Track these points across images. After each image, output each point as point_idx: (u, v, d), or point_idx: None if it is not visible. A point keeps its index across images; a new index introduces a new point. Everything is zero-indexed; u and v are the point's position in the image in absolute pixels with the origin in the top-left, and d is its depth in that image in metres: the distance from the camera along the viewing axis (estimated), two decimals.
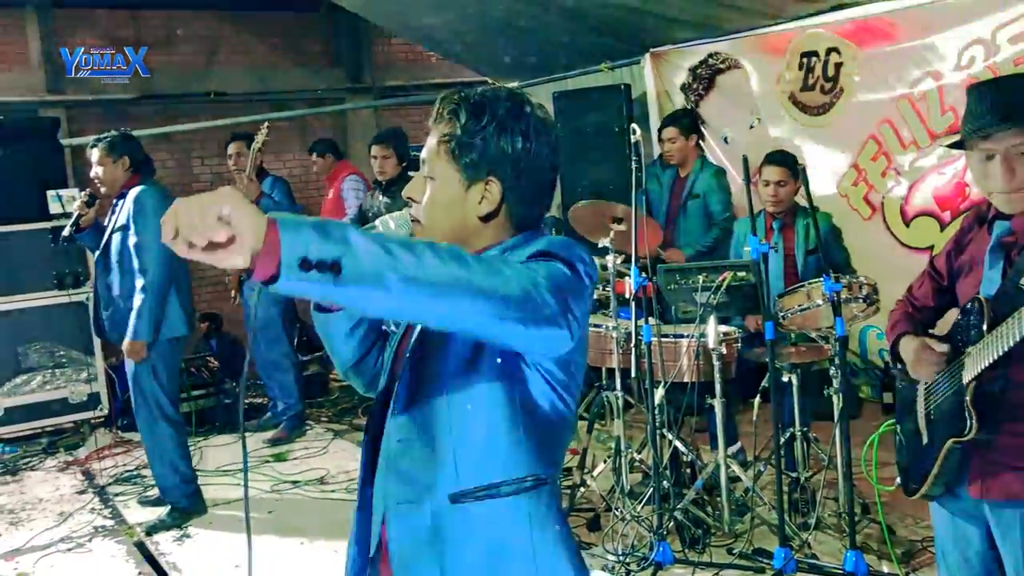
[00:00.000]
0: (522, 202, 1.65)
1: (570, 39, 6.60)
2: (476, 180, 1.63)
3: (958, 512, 2.32)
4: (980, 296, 2.22)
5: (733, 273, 3.98)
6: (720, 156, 6.07)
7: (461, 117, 1.63)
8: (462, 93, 1.66)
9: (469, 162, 1.62)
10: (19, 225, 6.26)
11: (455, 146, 1.63)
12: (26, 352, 6.28)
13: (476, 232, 1.66)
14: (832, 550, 3.84)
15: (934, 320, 2.49)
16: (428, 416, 1.59)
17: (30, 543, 4.64)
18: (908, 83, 4.95)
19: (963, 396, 2.18)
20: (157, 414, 4.66)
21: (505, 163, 1.62)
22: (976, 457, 2.21)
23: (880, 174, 5.21)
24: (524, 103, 1.64)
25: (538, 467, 1.60)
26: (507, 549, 1.58)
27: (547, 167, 1.66)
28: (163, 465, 4.74)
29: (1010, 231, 2.22)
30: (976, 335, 2.18)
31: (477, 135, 1.61)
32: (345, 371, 1.87)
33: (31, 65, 8.00)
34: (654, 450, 3.99)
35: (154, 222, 4.50)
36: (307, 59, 9.30)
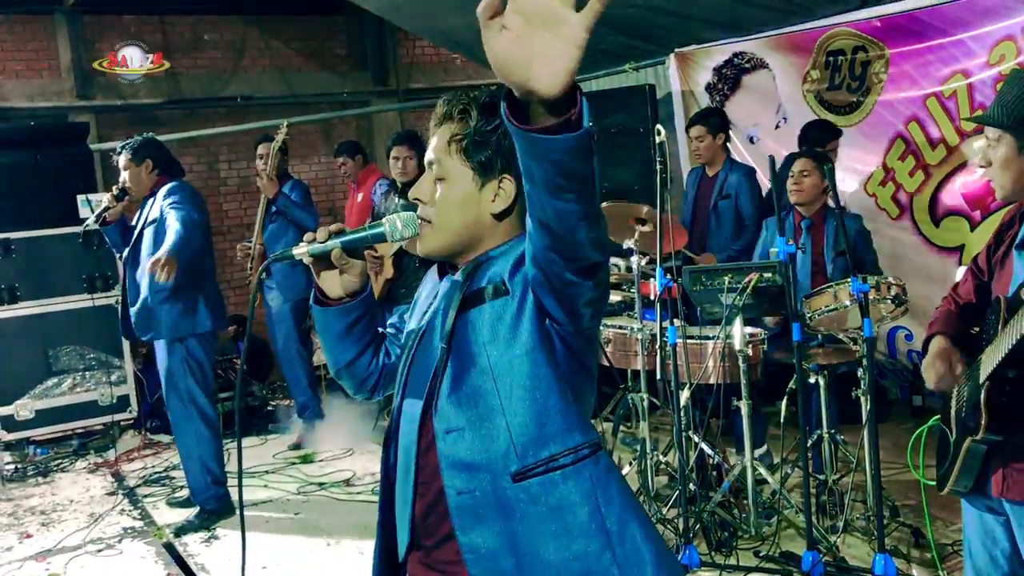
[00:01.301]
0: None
1: (594, 39, 6.47)
2: (490, 178, 1.64)
3: (986, 510, 2.33)
4: (1002, 295, 2.22)
5: (760, 274, 3.96)
6: (746, 156, 6.04)
7: (472, 116, 1.64)
8: (470, 94, 1.67)
9: (483, 160, 1.63)
10: (50, 230, 6.34)
11: (468, 145, 1.64)
12: (56, 355, 6.36)
13: (490, 230, 1.67)
14: (861, 553, 3.80)
15: (977, 318, 2.47)
16: (475, 401, 1.59)
17: (61, 544, 4.69)
18: (937, 81, 4.89)
19: (979, 395, 2.19)
20: (193, 413, 4.71)
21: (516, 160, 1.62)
22: (997, 456, 2.21)
23: (908, 173, 5.15)
24: None
25: (588, 432, 1.61)
26: (576, 517, 1.57)
27: None
28: (195, 465, 4.78)
29: None
30: (993, 334, 2.19)
31: (489, 133, 1.62)
32: (337, 370, 1.89)
33: (61, 71, 8.11)
34: (680, 452, 3.97)
35: (191, 202, 4.60)
36: (332, 62, 9.35)
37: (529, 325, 1.57)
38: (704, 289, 4.10)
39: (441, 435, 1.61)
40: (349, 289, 1.79)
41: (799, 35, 5.62)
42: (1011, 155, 2.19)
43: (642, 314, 4.49)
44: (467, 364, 1.60)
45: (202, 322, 4.70)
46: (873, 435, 3.66)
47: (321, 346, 1.87)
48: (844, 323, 4.01)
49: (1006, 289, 2.25)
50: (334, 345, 1.84)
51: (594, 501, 1.58)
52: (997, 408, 2.16)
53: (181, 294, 4.60)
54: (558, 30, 1.19)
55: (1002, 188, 2.25)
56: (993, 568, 2.34)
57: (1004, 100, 2.22)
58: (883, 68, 5.16)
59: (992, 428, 2.15)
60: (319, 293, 1.82)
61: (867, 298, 3.64)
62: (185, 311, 4.64)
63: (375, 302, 1.87)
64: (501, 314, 1.58)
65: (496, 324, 1.59)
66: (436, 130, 1.70)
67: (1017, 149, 2.19)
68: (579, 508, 1.57)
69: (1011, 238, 2.33)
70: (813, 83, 5.60)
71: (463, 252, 1.69)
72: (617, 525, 1.59)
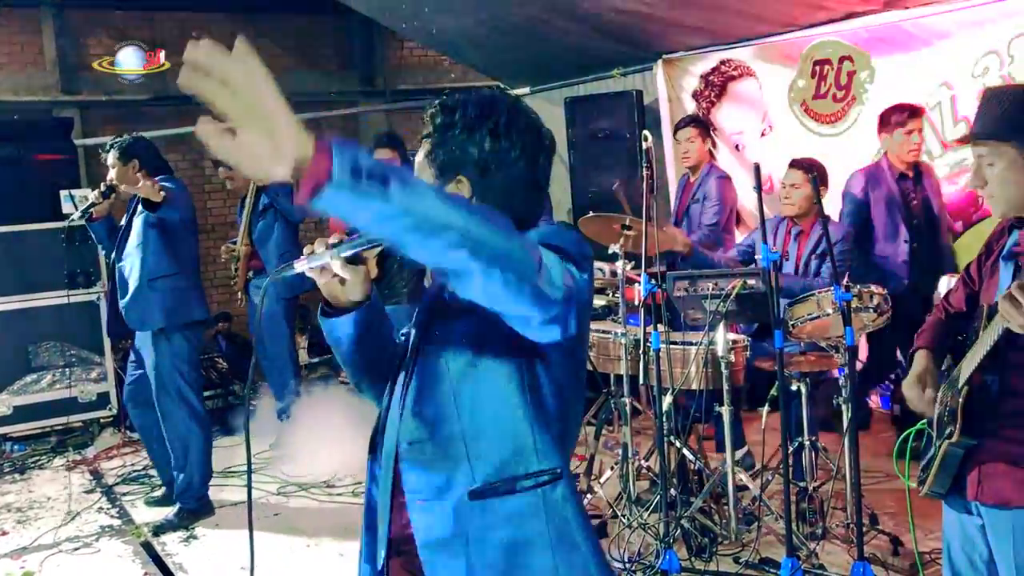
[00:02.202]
0: (495, 201, 1.63)
1: (582, 45, 6.60)
2: (447, 179, 1.64)
3: (964, 511, 2.35)
4: (985, 303, 2.25)
5: (743, 281, 3.97)
6: (732, 163, 6.06)
7: (436, 120, 1.65)
8: (442, 97, 1.68)
9: (441, 163, 1.64)
10: (32, 225, 6.28)
11: (430, 149, 1.66)
12: (36, 351, 6.31)
13: None
14: (840, 561, 3.81)
15: (964, 326, 2.48)
16: (438, 416, 1.60)
17: (37, 542, 4.65)
18: (921, 92, 4.93)
19: (957, 400, 2.23)
20: (184, 411, 4.70)
21: (471, 163, 1.62)
22: (973, 459, 2.23)
23: None
24: (496, 103, 1.64)
25: (553, 460, 1.61)
26: (527, 542, 1.59)
27: (521, 166, 1.64)
28: (184, 463, 4.76)
29: (1019, 240, 2.25)
30: (975, 340, 2.23)
31: (447, 136, 1.63)
32: (358, 382, 1.87)
33: (46, 65, 8.05)
34: (661, 457, 3.97)
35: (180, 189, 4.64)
36: (320, 62, 9.33)
37: (499, 347, 1.58)
38: (688, 295, 4.11)
39: (404, 445, 1.63)
40: (355, 297, 1.78)
41: (786, 44, 5.65)
42: (1012, 167, 2.17)
43: (626, 319, 4.49)
44: (433, 379, 1.61)
45: (196, 311, 4.74)
46: (854, 443, 3.67)
47: (338, 359, 1.85)
48: (827, 331, 4.04)
49: (992, 298, 2.27)
50: (347, 355, 1.82)
51: (547, 526, 1.60)
52: (974, 412, 2.19)
53: (173, 282, 4.63)
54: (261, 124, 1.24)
55: (1005, 203, 2.21)
56: (972, 572, 2.35)
57: (995, 113, 2.20)
58: (869, 78, 5.19)
59: (967, 431, 2.19)
60: (326, 305, 1.80)
61: (849, 306, 3.66)
62: (178, 300, 4.66)
63: (383, 308, 1.85)
64: (471, 332, 1.59)
65: (465, 342, 1.59)
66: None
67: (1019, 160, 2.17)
68: (531, 535, 1.59)
69: (1000, 248, 2.35)
70: (799, 92, 5.63)
71: None
72: (565, 552, 1.61)
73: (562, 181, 7.20)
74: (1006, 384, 2.16)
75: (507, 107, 1.64)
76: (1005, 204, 2.22)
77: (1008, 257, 2.28)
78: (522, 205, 1.67)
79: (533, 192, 1.69)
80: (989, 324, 2.13)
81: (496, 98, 1.65)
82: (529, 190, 1.68)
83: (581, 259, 1.54)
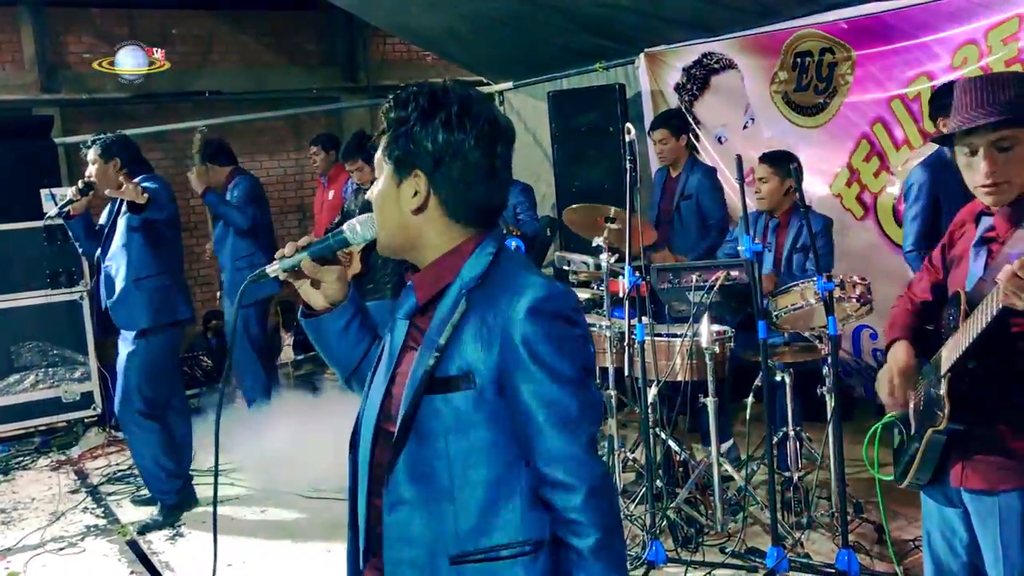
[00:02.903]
0: (453, 193, 1.61)
1: (565, 39, 6.61)
2: (405, 175, 1.62)
3: (944, 501, 2.37)
4: (960, 290, 2.26)
5: (726, 272, 3.99)
6: (715, 156, 6.08)
7: (390, 115, 1.63)
8: (397, 91, 1.65)
9: (397, 157, 1.62)
10: (12, 224, 6.23)
11: (386, 144, 1.64)
12: (19, 351, 6.25)
13: (418, 228, 1.64)
14: (825, 549, 3.84)
15: (934, 314, 2.50)
16: (428, 481, 1.59)
17: (22, 542, 4.62)
18: (902, 83, 4.95)
19: (940, 387, 2.24)
20: (155, 409, 4.69)
21: (425, 155, 1.60)
22: (956, 446, 2.25)
23: (873, 174, 5.21)
24: (447, 93, 1.62)
25: (538, 530, 1.60)
26: None
27: (477, 155, 1.60)
28: (149, 461, 4.75)
29: (992, 227, 2.26)
30: (954, 327, 2.24)
31: (402, 129, 1.61)
32: (347, 379, 1.87)
33: (25, 63, 7.98)
34: (647, 449, 3.99)
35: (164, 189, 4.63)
36: (302, 58, 9.29)
37: (494, 421, 1.57)
38: (672, 287, 4.13)
39: (388, 507, 1.61)
40: (332, 297, 1.78)
41: (767, 36, 5.66)
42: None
43: (611, 311, 4.51)
44: (426, 446, 1.59)
45: (181, 310, 4.76)
46: (837, 432, 3.70)
47: (324, 358, 1.86)
48: (810, 321, 4.06)
49: (963, 285, 2.30)
50: (332, 354, 1.83)
51: None
52: (959, 398, 2.20)
53: (158, 281, 4.64)
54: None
55: (1020, 189, 2.19)
56: (952, 558, 2.39)
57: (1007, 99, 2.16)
58: (849, 70, 5.22)
59: (954, 418, 2.20)
60: (305, 306, 1.81)
61: (832, 297, 3.69)
62: (164, 299, 4.67)
63: (363, 304, 1.85)
64: (468, 405, 1.57)
65: (462, 414, 1.58)
66: None
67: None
68: None
69: (966, 235, 2.37)
70: (781, 84, 5.65)
71: (408, 252, 1.68)
72: None
73: (546, 175, 7.21)
74: (991, 370, 2.17)
75: (459, 97, 1.61)
76: (1019, 190, 2.19)
77: (979, 244, 2.29)
78: (482, 195, 1.64)
79: (492, 181, 1.65)
80: (973, 311, 2.14)
81: (448, 89, 1.62)
82: (488, 179, 1.64)
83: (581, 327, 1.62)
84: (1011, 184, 2.20)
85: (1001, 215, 2.24)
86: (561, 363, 1.55)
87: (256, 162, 8.93)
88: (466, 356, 1.57)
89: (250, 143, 8.84)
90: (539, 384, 1.55)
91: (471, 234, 1.65)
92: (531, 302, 1.55)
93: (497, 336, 1.55)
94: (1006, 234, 2.22)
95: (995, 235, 2.25)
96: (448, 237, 1.64)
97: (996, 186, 2.19)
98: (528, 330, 1.54)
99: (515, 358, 1.54)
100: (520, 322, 1.54)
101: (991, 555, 2.22)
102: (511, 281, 1.59)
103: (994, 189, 2.19)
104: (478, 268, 1.62)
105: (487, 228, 1.67)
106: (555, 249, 6.84)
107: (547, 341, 1.54)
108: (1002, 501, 2.19)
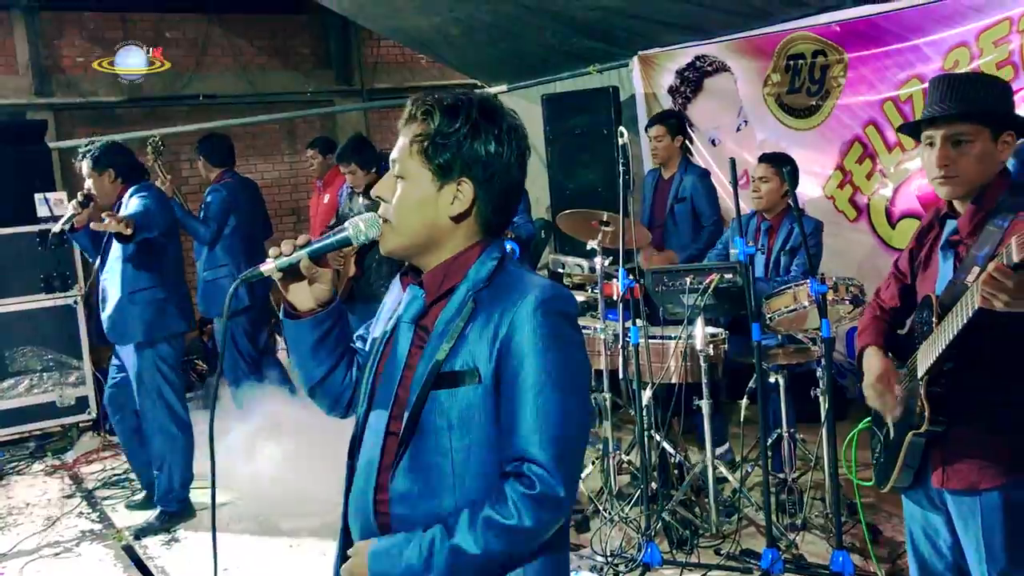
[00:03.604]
0: (492, 206, 1.68)
1: (558, 42, 6.62)
2: (448, 180, 1.65)
3: (926, 503, 2.39)
4: (931, 293, 2.28)
5: (720, 275, 4.00)
6: (708, 158, 6.10)
7: (435, 118, 1.64)
8: (435, 96, 1.68)
9: (442, 162, 1.64)
10: (6, 228, 6.23)
11: (428, 146, 1.64)
12: (13, 356, 6.24)
13: (447, 233, 1.68)
14: (819, 550, 3.85)
15: (903, 320, 2.54)
16: (430, 475, 1.62)
17: (17, 548, 4.62)
18: (893, 85, 4.98)
19: (918, 389, 2.25)
20: (165, 415, 4.69)
21: (477, 165, 1.64)
22: (936, 448, 2.27)
23: (866, 176, 5.23)
24: (497, 108, 1.68)
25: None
26: None
27: (516, 174, 1.69)
28: (163, 466, 4.74)
29: (956, 229, 2.29)
30: (928, 330, 2.25)
31: (451, 136, 1.63)
32: (311, 388, 1.87)
33: (19, 68, 7.98)
34: (642, 451, 4.00)
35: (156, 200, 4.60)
36: (296, 61, 9.30)
37: (495, 417, 1.60)
38: (666, 290, 4.14)
39: (392, 502, 1.65)
40: (320, 299, 1.78)
41: (760, 39, 5.68)
42: (984, 151, 2.21)
43: (605, 314, 4.52)
44: (430, 441, 1.62)
45: (174, 323, 4.71)
46: (831, 434, 3.71)
47: (293, 363, 1.86)
48: (803, 323, 4.08)
49: (932, 288, 2.32)
50: (307, 359, 1.83)
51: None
52: (937, 400, 2.22)
53: (151, 295, 4.62)
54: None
55: (969, 184, 2.23)
56: (937, 559, 2.40)
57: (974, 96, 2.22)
58: (842, 72, 5.24)
59: (934, 420, 2.22)
60: (289, 307, 1.81)
61: (825, 299, 3.70)
62: (157, 313, 4.65)
63: (345, 312, 1.86)
64: (472, 400, 1.60)
65: (465, 410, 1.60)
66: (402, 130, 1.70)
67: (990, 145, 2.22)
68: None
69: (932, 239, 2.40)
70: (773, 86, 5.67)
71: (421, 253, 1.70)
72: None
73: (540, 178, 7.22)
74: (967, 371, 2.20)
75: (505, 113, 1.68)
76: (968, 186, 2.25)
77: (946, 247, 2.32)
78: (512, 208, 1.73)
79: (517, 200, 1.74)
80: (947, 314, 2.16)
81: (493, 102, 1.69)
82: (517, 193, 1.72)
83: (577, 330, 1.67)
84: (961, 179, 2.24)
85: (965, 217, 2.26)
86: (559, 359, 1.59)
87: (250, 165, 8.93)
88: (471, 352, 1.61)
89: (245, 146, 8.84)
90: (535, 375, 1.57)
91: (481, 239, 1.70)
92: (538, 300, 1.59)
93: (502, 332, 1.59)
94: (971, 236, 2.24)
95: (959, 237, 2.28)
96: (466, 243, 1.69)
97: (947, 179, 2.24)
98: (533, 325, 1.58)
99: (517, 351, 1.58)
100: (526, 318, 1.58)
101: (974, 555, 2.24)
102: (517, 282, 1.64)
103: (945, 181, 2.24)
104: (485, 270, 1.66)
105: (496, 235, 1.72)
106: (549, 252, 6.86)
107: (550, 338, 1.58)
108: (983, 500, 2.21)
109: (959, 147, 2.23)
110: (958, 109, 2.22)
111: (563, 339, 1.60)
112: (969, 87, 2.26)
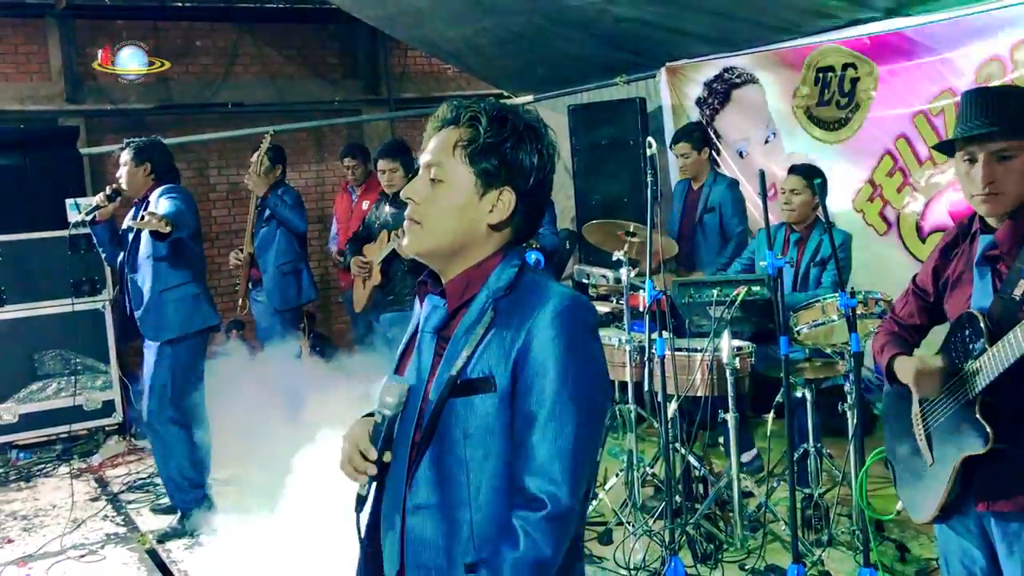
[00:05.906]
0: (527, 216, 1.68)
1: (586, 53, 6.62)
2: (491, 187, 1.64)
3: (962, 529, 2.33)
4: (973, 310, 2.22)
5: (748, 288, 3.97)
6: (735, 170, 6.07)
7: (483, 124, 1.63)
8: (480, 103, 1.67)
9: (488, 168, 1.63)
10: (37, 233, 6.30)
11: (475, 151, 1.63)
12: (42, 359, 6.32)
13: (481, 239, 1.67)
14: (846, 568, 3.81)
15: (919, 339, 2.51)
16: (447, 485, 1.60)
17: (43, 549, 4.65)
18: (925, 99, 4.93)
19: (973, 410, 2.18)
20: (179, 416, 4.72)
21: (521, 175, 1.64)
22: (982, 470, 2.20)
23: (896, 190, 5.19)
24: (540, 121, 1.69)
25: None
26: None
27: (549, 183, 1.71)
28: (171, 470, 4.78)
29: (994, 244, 2.24)
30: (978, 348, 2.18)
31: (499, 144, 1.63)
32: None
33: (51, 75, 8.07)
34: (667, 464, 3.97)
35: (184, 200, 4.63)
36: (324, 70, 9.35)
37: (511, 430, 1.58)
38: (693, 302, 4.12)
39: (409, 511, 1.63)
40: None
41: (789, 51, 5.66)
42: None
43: (630, 325, 4.50)
44: (447, 451, 1.61)
45: (209, 317, 4.81)
46: (859, 449, 3.67)
47: None
48: (831, 337, 4.04)
49: (965, 305, 2.27)
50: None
51: None
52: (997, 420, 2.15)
53: (184, 291, 4.69)
54: None
55: (1013, 200, 2.19)
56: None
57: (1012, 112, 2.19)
58: (872, 85, 5.20)
59: (999, 439, 2.14)
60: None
61: (855, 313, 3.66)
62: (192, 307, 4.72)
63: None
64: (487, 410, 1.59)
65: (481, 420, 1.59)
66: (437, 133, 1.68)
67: None
68: None
69: (960, 256, 2.35)
70: (803, 99, 5.64)
71: (448, 258, 1.68)
72: None
73: (566, 188, 7.22)
74: (1018, 390, 2.13)
75: (545, 126, 1.70)
76: (1013, 202, 2.20)
77: (982, 263, 2.26)
78: (541, 220, 1.75)
79: (546, 208, 1.77)
80: (1005, 332, 2.08)
81: (536, 116, 1.70)
82: (546, 206, 1.75)
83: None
84: (1006, 195, 2.20)
85: (1004, 231, 2.21)
86: (576, 370, 1.57)
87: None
88: (489, 361, 1.59)
89: None
90: (551, 385, 1.55)
91: (504, 248, 1.69)
92: (556, 309, 1.58)
93: (520, 340, 1.57)
94: (1012, 250, 2.19)
95: (998, 253, 2.23)
96: (494, 250, 1.68)
97: (992, 196, 2.20)
98: (551, 334, 1.56)
99: (534, 361, 1.56)
100: (544, 327, 1.56)
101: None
102: (537, 290, 1.62)
103: (989, 198, 2.20)
104: (505, 277, 1.65)
105: (518, 244, 1.73)
106: (575, 262, 6.84)
107: (568, 348, 1.57)
108: None
109: (1004, 163, 2.18)
110: (1002, 126, 2.17)
111: (581, 349, 1.58)
112: (1010, 102, 2.22)
